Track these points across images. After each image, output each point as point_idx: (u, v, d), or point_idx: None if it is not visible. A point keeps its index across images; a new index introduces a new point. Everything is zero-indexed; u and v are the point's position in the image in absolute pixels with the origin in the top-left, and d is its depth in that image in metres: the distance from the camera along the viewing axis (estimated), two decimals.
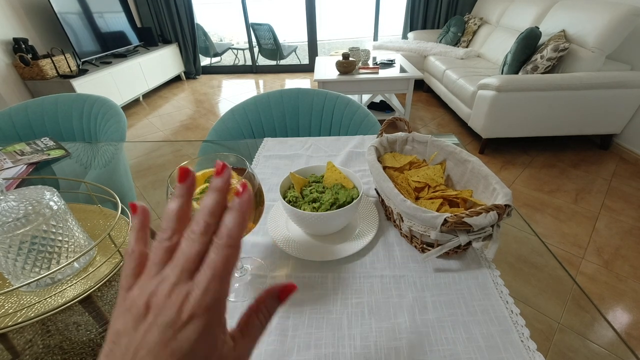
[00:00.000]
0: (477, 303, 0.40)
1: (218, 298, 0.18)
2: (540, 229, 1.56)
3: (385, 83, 2.45)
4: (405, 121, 0.61)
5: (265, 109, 1.02)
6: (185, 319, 0.17)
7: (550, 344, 0.37)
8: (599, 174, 1.96)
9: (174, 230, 0.21)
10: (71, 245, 0.46)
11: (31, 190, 0.45)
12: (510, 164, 2.10)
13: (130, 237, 0.22)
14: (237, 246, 0.19)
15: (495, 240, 0.41)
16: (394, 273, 0.45)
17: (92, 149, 0.88)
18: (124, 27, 3.40)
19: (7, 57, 2.55)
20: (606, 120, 2.04)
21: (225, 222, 0.19)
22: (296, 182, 0.51)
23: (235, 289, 0.44)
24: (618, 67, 2.01)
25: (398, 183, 0.53)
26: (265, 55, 4.39)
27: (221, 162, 0.22)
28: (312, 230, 0.50)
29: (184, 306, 0.17)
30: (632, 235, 1.51)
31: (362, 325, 0.38)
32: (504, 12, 2.94)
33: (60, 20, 2.62)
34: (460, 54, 2.97)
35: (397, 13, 3.98)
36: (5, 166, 0.75)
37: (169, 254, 0.20)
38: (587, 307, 0.41)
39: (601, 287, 1.27)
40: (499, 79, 1.92)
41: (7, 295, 0.44)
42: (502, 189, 0.43)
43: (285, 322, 0.39)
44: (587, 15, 2.02)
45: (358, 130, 0.95)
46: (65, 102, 1.08)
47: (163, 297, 0.18)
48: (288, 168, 0.70)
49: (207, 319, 0.18)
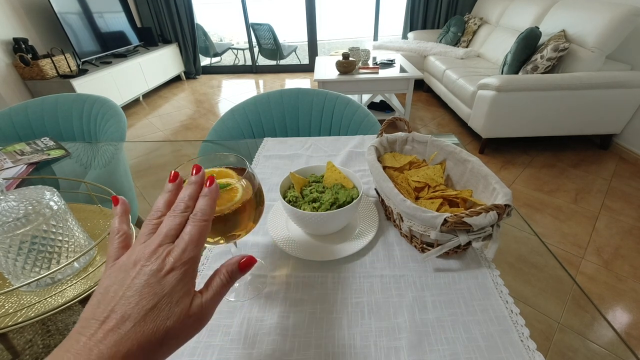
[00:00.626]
0: (477, 303, 0.40)
1: (193, 257, 0.24)
2: (540, 229, 1.56)
3: (385, 83, 2.44)
4: (405, 121, 0.61)
5: (265, 109, 1.02)
6: (168, 269, 0.23)
7: (550, 343, 0.37)
8: (598, 174, 1.96)
9: (162, 213, 0.27)
10: (71, 245, 0.46)
11: (31, 190, 0.45)
12: (510, 163, 2.10)
13: (114, 222, 0.27)
14: (208, 221, 0.26)
15: (495, 240, 0.41)
16: (394, 273, 0.45)
17: (92, 149, 0.88)
18: (124, 27, 3.40)
19: (7, 57, 2.55)
20: (606, 120, 2.04)
21: (199, 204, 0.27)
22: (296, 182, 0.51)
23: (235, 289, 0.44)
24: (618, 67, 2.01)
25: (398, 183, 0.53)
26: (265, 55, 4.39)
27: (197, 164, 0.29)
28: (312, 230, 0.50)
29: (166, 259, 0.23)
30: (632, 235, 1.51)
31: (362, 325, 0.38)
32: (504, 12, 2.94)
33: (60, 20, 2.62)
34: (460, 54, 2.97)
35: (397, 13, 3.98)
36: (5, 166, 0.75)
37: (155, 228, 0.26)
38: (587, 307, 0.41)
39: (601, 287, 1.27)
40: (499, 78, 1.92)
41: (7, 295, 0.44)
42: (502, 188, 0.43)
43: (285, 322, 0.39)
44: (587, 15, 2.02)
45: (358, 130, 0.95)
46: (65, 102, 1.08)
47: (149, 253, 0.23)
48: (288, 168, 0.70)
49: (184, 272, 0.23)
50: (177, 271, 0.23)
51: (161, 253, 0.23)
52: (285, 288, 0.43)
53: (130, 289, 0.22)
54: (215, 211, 0.32)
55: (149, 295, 0.22)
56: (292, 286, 0.44)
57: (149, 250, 0.23)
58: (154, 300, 0.22)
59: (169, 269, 0.23)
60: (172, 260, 0.23)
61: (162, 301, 0.22)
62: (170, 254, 0.23)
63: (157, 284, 0.22)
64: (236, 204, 0.33)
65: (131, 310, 0.21)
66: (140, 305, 0.21)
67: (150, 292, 0.22)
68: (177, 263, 0.23)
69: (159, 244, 0.24)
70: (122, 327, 0.20)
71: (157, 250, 0.23)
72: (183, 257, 0.23)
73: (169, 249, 0.24)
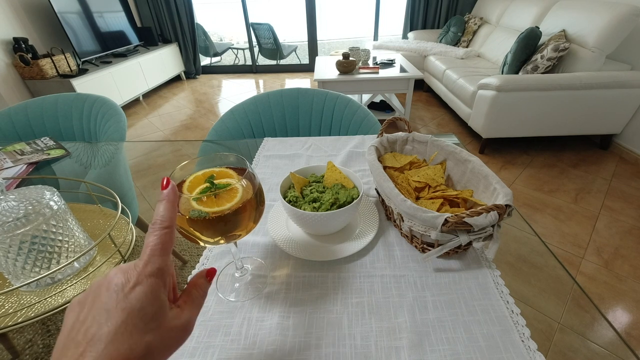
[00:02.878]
0: (477, 303, 0.40)
1: (159, 268, 0.23)
2: (540, 229, 1.56)
3: (385, 83, 2.44)
4: (405, 121, 0.61)
5: (265, 108, 1.02)
6: (133, 283, 0.22)
7: (550, 344, 0.37)
8: (599, 174, 1.96)
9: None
10: (71, 245, 0.46)
11: (31, 190, 0.45)
12: (510, 163, 2.10)
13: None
14: (170, 227, 0.25)
15: (496, 240, 0.41)
16: (394, 273, 0.45)
17: (92, 148, 0.88)
18: (124, 26, 3.40)
19: (7, 56, 2.55)
20: (606, 120, 2.04)
21: (156, 210, 0.25)
22: (296, 182, 0.51)
23: (235, 289, 0.44)
24: (618, 67, 2.01)
25: (398, 183, 0.53)
26: (265, 55, 4.38)
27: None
28: (312, 230, 0.50)
29: (130, 274, 0.22)
30: (632, 235, 1.51)
31: (363, 324, 0.38)
32: (504, 12, 2.94)
33: (60, 19, 2.62)
34: (460, 53, 2.97)
35: (397, 13, 3.98)
36: (5, 166, 0.75)
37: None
38: (587, 307, 0.41)
39: (601, 287, 1.27)
40: (499, 78, 1.92)
41: (7, 295, 0.43)
42: (502, 188, 0.43)
43: (285, 322, 0.39)
44: (587, 15, 2.02)
45: (358, 130, 0.95)
46: (65, 101, 1.08)
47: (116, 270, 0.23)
48: (288, 168, 0.70)
49: (151, 284, 0.22)
50: (143, 284, 0.22)
51: (127, 269, 0.22)
52: (285, 288, 0.43)
53: (98, 308, 0.21)
54: (216, 211, 0.32)
55: (117, 311, 0.20)
56: (292, 286, 0.44)
57: (117, 268, 0.23)
58: (122, 316, 0.20)
59: (134, 284, 0.21)
60: (136, 273, 0.22)
61: (132, 316, 0.21)
62: (135, 268, 0.22)
63: (124, 299, 0.21)
64: (236, 204, 0.33)
65: (100, 329, 0.20)
66: (110, 322, 0.20)
67: (118, 307, 0.21)
68: (141, 276, 0.22)
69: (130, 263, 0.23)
70: (93, 349, 0.19)
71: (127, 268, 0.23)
72: (147, 270, 0.22)
73: (135, 264, 0.23)
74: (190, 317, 0.25)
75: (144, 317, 0.21)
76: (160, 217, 0.25)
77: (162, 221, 0.25)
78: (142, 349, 0.20)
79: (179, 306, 0.25)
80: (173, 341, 0.23)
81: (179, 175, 0.36)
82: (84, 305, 0.22)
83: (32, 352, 0.38)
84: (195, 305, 0.26)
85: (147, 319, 0.21)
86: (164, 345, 0.22)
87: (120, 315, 0.20)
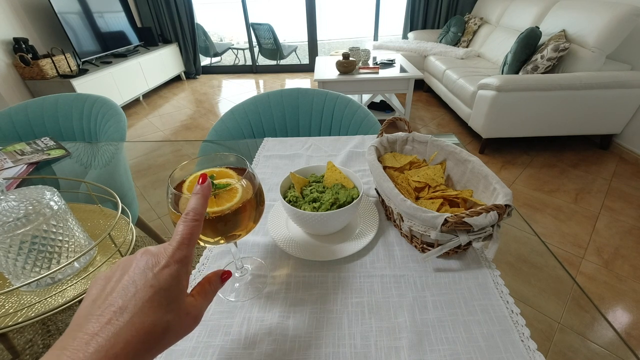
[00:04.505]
0: (477, 303, 0.40)
1: (186, 256, 0.25)
2: (540, 229, 1.56)
3: (385, 83, 2.44)
4: (405, 121, 0.61)
5: (265, 109, 1.02)
6: (163, 264, 0.23)
7: (550, 344, 0.37)
8: (599, 174, 1.96)
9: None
10: (71, 245, 0.46)
11: (31, 190, 0.45)
12: (510, 163, 2.10)
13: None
14: (199, 220, 0.26)
15: (496, 240, 0.41)
16: (394, 273, 0.45)
17: (92, 148, 0.88)
18: (124, 27, 3.40)
19: (7, 57, 2.55)
20: (606, 120, 2.04)
21: (190, 202, 0.27)
22: (296, 182, 0.51)
23: (235, 289, 0.44)
24: (618, 67, 2.01)
25: (398, 183, 0.53)
26: (265, 55, 4.38)
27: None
28: (312, 230, 0.50)
29: (160, 256, 0.24)
30: (632, 235, 1.51)
31: (363, 324, 0.38)
32: (504, 12, 2.94)
33: (60, 20, 2.62)
34: (460, 53, 2.97)
35: (397, 13, 3.98)
36: (6, 166, 0.75)
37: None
38: (587, 307, 0.41)
39: (601, 287, 1.27)
40: (499, 78, 1.92)
41: (7, 295, 0.44)
42: (502, 188, 0.43)
43: (285, 322, 0.39)
44: (587, 15, 2.02)
45: (358, 130, 0.95)
46: (65, 102, 1.08)
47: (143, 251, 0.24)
48: (288, 168, 0.70)
49: (177, 269, 0.24)
50: (171, 267, 0.23)
51: (158, 251, 0.24)
52: (285, 288, 0.43)
53: (126, 283, 0.22)
54: (216, 211, 0.32)
55: (145, 287, 0.22)
56: (292, 286, 0.44)
57: (145, 249, 0.24)
58: (150, 292, 0.22)
59: (164, 265, 0.23)
60: (167, 256, 0.24)
61: (159, 294, 0.22)
62: (165, 251, 0.24)
63: (154, 277, 0.22)
64: (236, 204, 0.33)
65: (128, 301, 0.21)
66: (137, 296, 0.21)
67: (146, 284, 0.22)
68: (171, 260, 0.24)
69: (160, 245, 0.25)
70: (120, 318, 0.20)
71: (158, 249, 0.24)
72: (176, 255, 0.24)
73: (165, 248, 0.24)
74: (201, 308, 0.26)
75: (168, 297, 0.23)
76: (193, 209, 0.26)
77: (194, 213, 0.26)
78: (163, 326, 0.22)
79: (193, 295, 0.26)
80: (185, 327, 0.24)
81: (178, 175, 0.36)
82: (110, 279, 0.23)
83: (32, 352, 0.38)
84: (207, 299, 0.27)
85: (170, 299, 0.23)
86: (179, 327, 0.23)
87: (148, 291, 0.22)
